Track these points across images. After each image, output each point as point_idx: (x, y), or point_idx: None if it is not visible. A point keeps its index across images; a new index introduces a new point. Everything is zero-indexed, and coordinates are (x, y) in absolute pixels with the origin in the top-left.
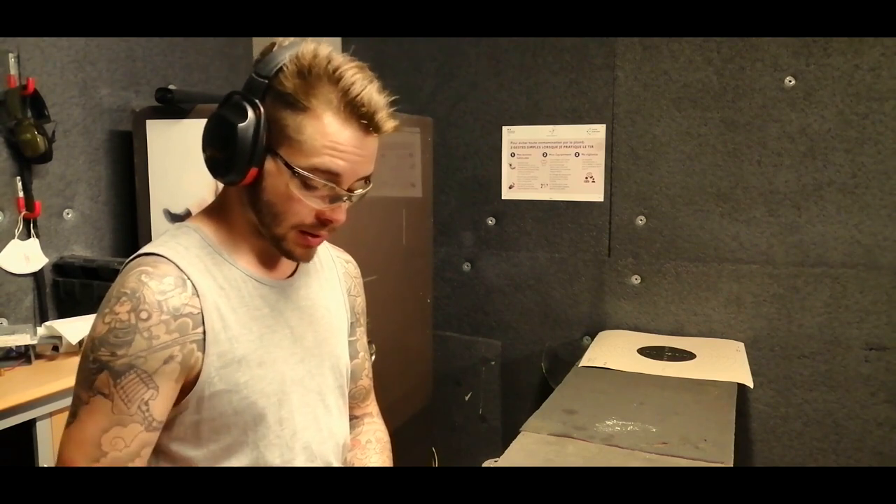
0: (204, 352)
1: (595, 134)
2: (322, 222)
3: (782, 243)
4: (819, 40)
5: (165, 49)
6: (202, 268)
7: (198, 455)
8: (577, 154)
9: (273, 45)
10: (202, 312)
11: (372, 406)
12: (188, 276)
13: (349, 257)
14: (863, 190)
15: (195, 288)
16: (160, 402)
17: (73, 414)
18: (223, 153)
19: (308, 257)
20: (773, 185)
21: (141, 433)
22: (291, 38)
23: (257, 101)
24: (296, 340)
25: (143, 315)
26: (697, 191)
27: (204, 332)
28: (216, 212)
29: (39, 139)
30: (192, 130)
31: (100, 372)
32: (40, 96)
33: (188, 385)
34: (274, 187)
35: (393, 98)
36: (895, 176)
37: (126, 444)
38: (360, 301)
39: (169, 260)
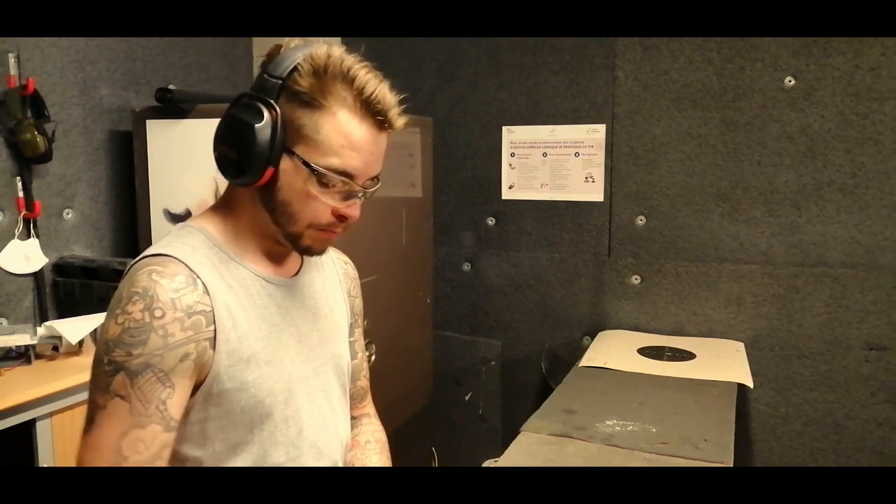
0: (215, 350)
1: (595, 134)
2: (338, 219)
3: (782, 243)
4: (819, 40)
5: (165, 49)
6: (209, 267)
7: (204, 454)
8: (577, 154)
9: (279, 46)
10: (213, 310)
11: (369, 407)
12: (198, 274)
13: (347, 258)
14: (863, 190)
15: (205, 286)
16: (177, 401)
17: (91, 420)
18: (239, 154)
19: (324, 250)
20: (773, 185)
21: (161, 434)
22: (297, 40)
23: (272, 101)
24: (302, 339)
25: (158, 313)
26: (697, 191)
27: (215, 330)
28: (221, 211)
29: (39, 139)
30: (192, 130)
31: (116, 374)
32: (40, 96)
33: (197, 383)
34: (291, 186)
35: (402, 96)
36: (895, 176)
37: (146, 446)
38: (359, 302)
39: (177, 259)
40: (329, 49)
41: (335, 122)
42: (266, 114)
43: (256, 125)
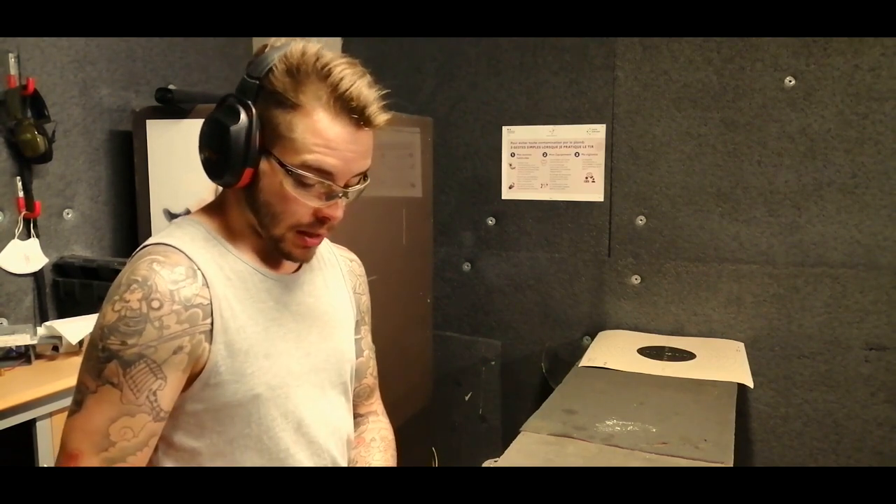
0: (211, 342)
1: (595, 134)
2: (319, 220)
3: (782, 243)
4: (819, 40)
5: (165, 49)
6: (209, 258)
7: (200, 446)
8: (577, 154)
9: (265, 46)
10: (211, 303)
11: (377, 404)
12: (198, 265)
13: (353, 256)
14: (863, 190)
15: (205, 278)
16: (168, 393)
17: (78, 402)
18: (218, 155)
19: (307, 257)
20: (773, 185)
21: (149, 423)
22: (284, 39)
23: (249, 102)
24: (301, 335)
25: (155, 304)
26: (697, 191)
27: (212, 323)
28: (216, 210)
29: (39, 139)
30: (192, 130)
31: (109, 361)
32: (40, 96)
33: (193, 375)
34: (270, 187)
35: (385, 92)
36: (895, 176)
37: (134, 434)
38: (366, 299)
39: (179, 250)
40: (304, 46)
41: (309, 121)
42: (242, 115)
43: (232, 127)
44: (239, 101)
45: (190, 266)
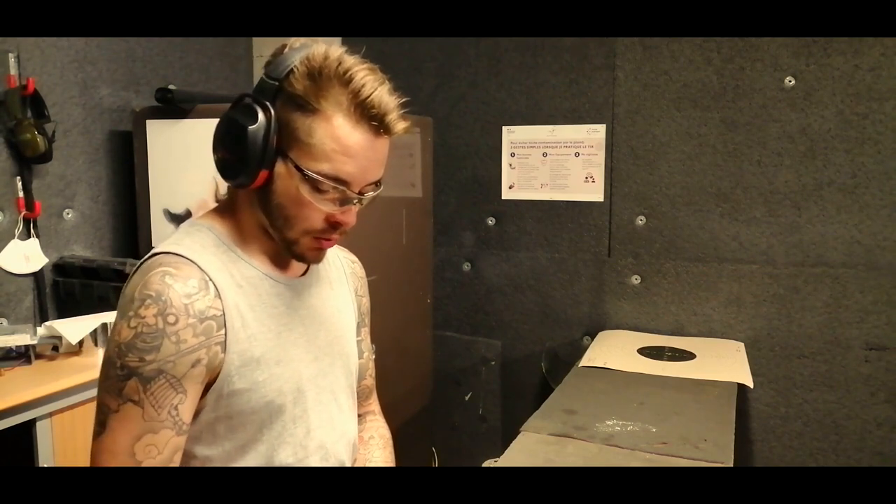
0: (225, 352)
1: (595, 134)
2: (332, 226)
3: (782, 243)
4: (819, 40)
5: (165, 49)
6: (220, 266)
7: (213, 453)
8: (577, 154)
9: (284, 46)
10: (224, 313)
11: (374, 405)
12: (209, 276)
13: (354, 258)
14: (863, 190)
15: (217, 289)
16: (188, 406)
17: (102, 423)
18: (234, 156)
19: (319, 259)
20: (773, 185)
21: (172, 438)
22: (302, 40)
23: (268, 103)
24: (310, 339)
25: (171, 319)
26: (697, 191)
27: (225, 333)
28: (226, 212)
29: (39, 139)
30: (192, 130)
31: (128, 378)
32: (40, 96)
33: (208, 385)
34: (284, 190)
35: (404, 100)
36: (895, 176)
37: (159, 450)
38: (366, 301)
39: (190, 260)
40: (327, 50)
41: (328, 127)
42: (260, 116)
43: (250, 127)
44: (257, 101)
45: (202, 277)
